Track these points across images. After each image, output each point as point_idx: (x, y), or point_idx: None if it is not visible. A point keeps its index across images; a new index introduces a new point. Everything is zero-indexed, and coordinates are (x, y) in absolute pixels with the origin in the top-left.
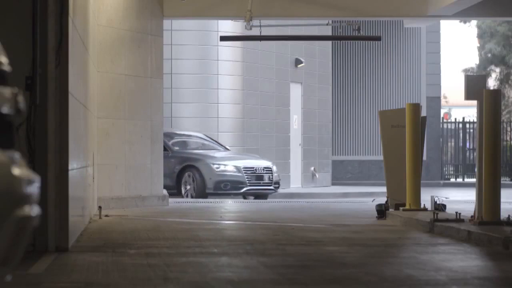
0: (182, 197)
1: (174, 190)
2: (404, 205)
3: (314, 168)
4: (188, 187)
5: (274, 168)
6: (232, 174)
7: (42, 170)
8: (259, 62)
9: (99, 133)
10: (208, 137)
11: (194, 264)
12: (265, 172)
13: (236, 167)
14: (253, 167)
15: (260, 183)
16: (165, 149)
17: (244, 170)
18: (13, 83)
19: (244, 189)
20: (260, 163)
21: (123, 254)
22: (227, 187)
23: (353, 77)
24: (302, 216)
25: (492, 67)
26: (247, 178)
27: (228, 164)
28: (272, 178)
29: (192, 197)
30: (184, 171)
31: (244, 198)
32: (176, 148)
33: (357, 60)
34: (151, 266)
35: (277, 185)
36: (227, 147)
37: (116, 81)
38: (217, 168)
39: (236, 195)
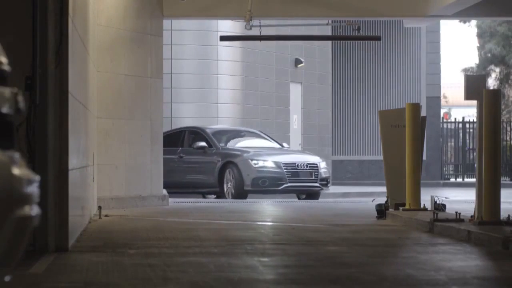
0: (225, 196)
1: (217, 188)
2: (404, 205)
3: None
4: (229, 185)
5: (322, 165)
6: (270, 170)
7: (42, 170)
8: (259, 62)
9: (99, 133)
10: (263, 133)
11: (194, 264)
12: (308, 168)
13: (276, 162)
14: (294, 163)
15: (302, 179)
16: (209, 145)
17: (284, 166)
18: (13, 83)
19: (284, 186)
20: (305, 159)
21: (123, 254)
22: (265, 184)
23: (353, 77)
24: (302, 216)
25: (492, 67)
26: (287, 174)
27: (268, 159)
28: (317, 175)
29: (230, 196)
30: (225, 168)
31: (298, 198)
32: (222, 144)
33: (357, 60)
34: (151, 266)
35: (324, 182)
36: (284, 144)
37: (116, 81)
38: (256, 164)
39: (275, 192)
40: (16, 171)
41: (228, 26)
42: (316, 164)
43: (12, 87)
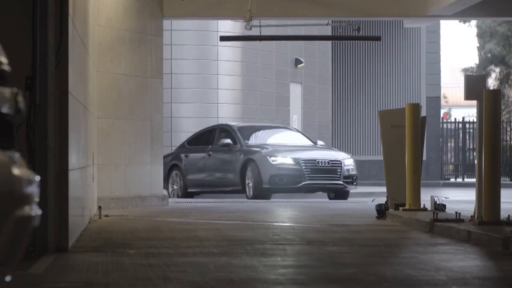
0: (247, 196)
1: (240, 186)
2: (404, 205)
3: None
4: (250, 183)
5: (347, 162)
6: (288, 167)
7: (42, 170)
8: (259, 62)
9: (99, 133)
10: (298, 131)
11: (194, 264)
12: (330, 165)
13: (294, 159)
14: (314, 160)
15: (322, 177)
16: (235, 142)
17: (303, 163)
18: (13, 83)
19: (302, 183)
20: (327, 156)
21: (123, 254)
22: (283, 182)
23: (353, 77)
24: (302, 216)
25: (492, 67)
26: (306, 171)
27: (287, 156)
28: (340, 172)
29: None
30: (247, 166)
31: (329, 198)
32: (247, 141)
33: (357, 60)
34: (151, 266)
35: (349, 180)
36: (319, 142)
37: (116, 81)
38: (274, 160)
39: (294, 190)
40: (16, 171)
41: (228, 26)
42: (339, 161)
43: (12, 87)
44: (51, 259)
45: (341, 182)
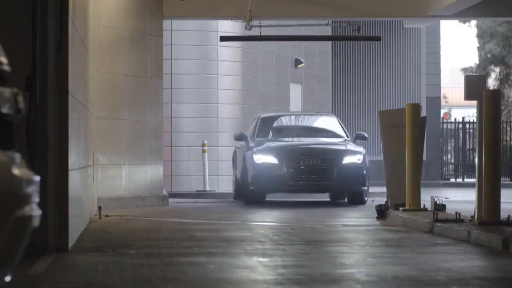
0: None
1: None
2: (404, 205)
3: None
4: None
5: (350, 159)
6: (270, 166)
7: (42, 170)
8: (259, 62)
9: (99, 133)
10: (339, 122)
11: (193, 264)
12: (321, 162)
13: (278, 156)
14: (301, 157)
15: (310, 177)
16: (251, 135)
17: (286, 161)
18: (13, 83)
19: (289, 184)
20: (322, 150)
21: (123, 254)
22: (266, 183)
23: (353, 77)
24: (302, 217)
25: (492, 67)
26: (289, 169)
27: (270, 153)
28: (334, 170)
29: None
30: (243, 164)
31: (349, 202)
32: (260, 135)
33: (357, 60)
34: (151, 266)
35: (349, 180)
36: (362, 133)
37: (116, 81)
38: (258, 160)
39: (279, 191)
40: (16, 171)
41: (228, 26)
42: (332, 158)
43: (12, 87)
44: (51, 259)
45: (333, 183)
